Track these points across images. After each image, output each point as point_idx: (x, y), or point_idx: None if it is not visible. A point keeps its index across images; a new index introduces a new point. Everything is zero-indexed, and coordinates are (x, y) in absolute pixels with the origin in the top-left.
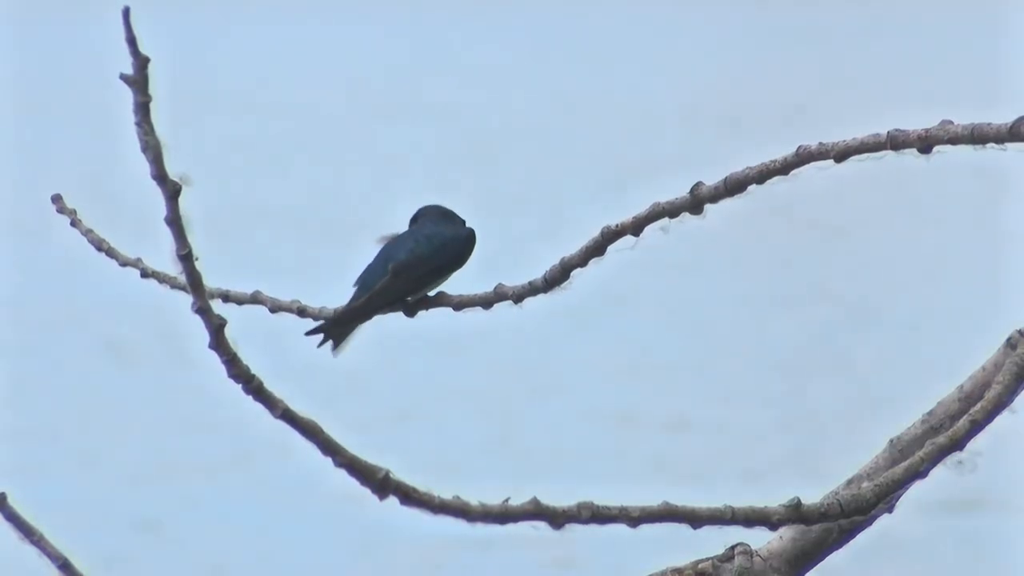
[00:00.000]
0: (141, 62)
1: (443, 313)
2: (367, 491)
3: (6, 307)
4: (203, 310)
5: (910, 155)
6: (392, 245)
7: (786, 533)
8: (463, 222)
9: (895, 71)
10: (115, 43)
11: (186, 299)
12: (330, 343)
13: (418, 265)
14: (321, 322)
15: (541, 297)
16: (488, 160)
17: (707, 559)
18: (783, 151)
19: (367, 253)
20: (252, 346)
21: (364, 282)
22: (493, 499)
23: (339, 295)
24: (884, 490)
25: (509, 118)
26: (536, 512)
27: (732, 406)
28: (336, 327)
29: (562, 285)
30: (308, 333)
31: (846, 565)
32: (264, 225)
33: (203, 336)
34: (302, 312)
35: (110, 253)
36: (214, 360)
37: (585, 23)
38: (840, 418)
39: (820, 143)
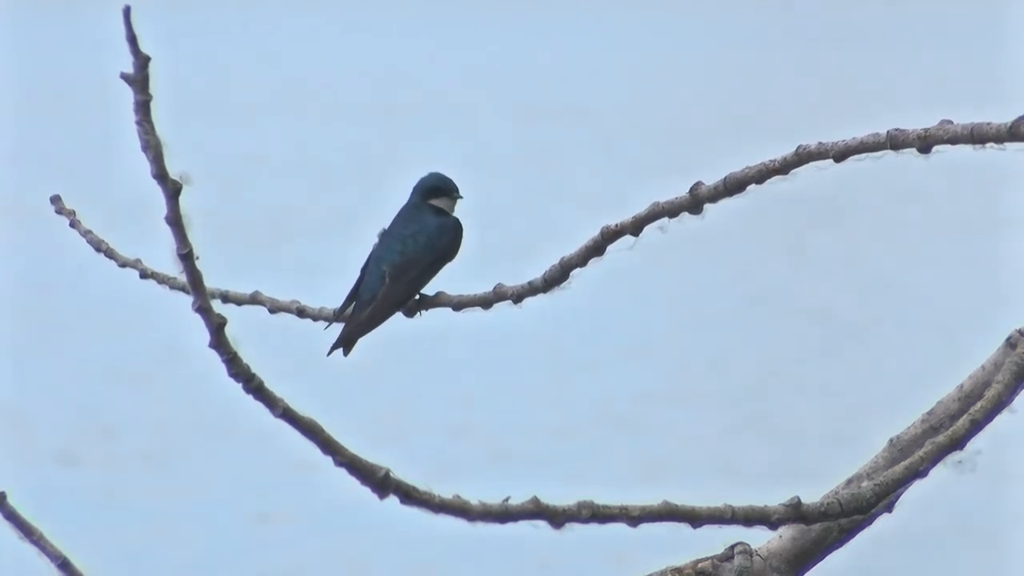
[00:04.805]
0: (141, 61)
1: (442, 313)
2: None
3: (5, 308)
4: (204, 309)
5: (910, 155)
6: (381, 250)
7: (786, 532)
8: (455, 197)
9: (895, 71)
10: (115, 42)
11: (186, 300)
12: (340, 349)
13: (412, 265)
14: (336, 341)
15: (541, 297)
16: (487, 159)
17: (707, 558)
18: (783, 151)
19: (366, 251)
20: (251, 346)
21: (363, 292)
22: (493, 498)
23: (338, 296)
24: (884, 489)
25: (509, 118)
26: (536, 512)
27: (729, 405)
28: (347, 341)
29: (561, 285)
30: (335, 351)
31: (846, 565)
32: (264, 225)
33: (204, 335)
34: (301, 312)
35: (109, 254)
36: (215, 359)
37: (584, 23)
38: (840, 417)
39: (820, 143)
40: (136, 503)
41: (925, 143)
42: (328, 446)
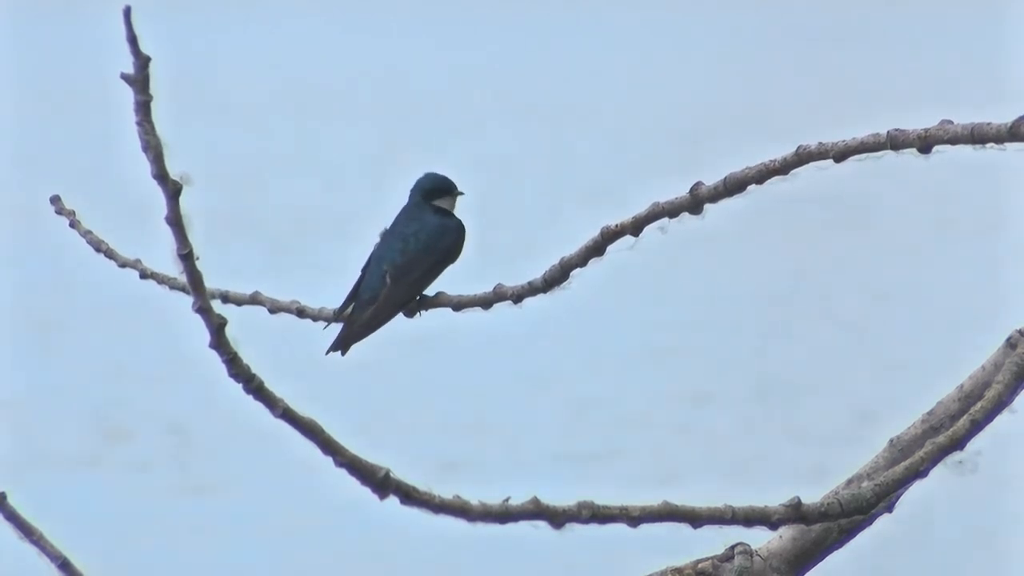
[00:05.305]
0: (142, 61)
1: (442, 313)
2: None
3: (4, 308)
4: (204, 309)
5: (910, 155)
6: (382, 250)
7: (786, 533)
8: (454, 194)
9: (895, 71)
10: (116, 42)
11: (186, 300)
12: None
13: (414, 266)
14: (336, 342)
15: (540, 297)
16: (487, 159)
17: (707, 559)
18: (783, 151)
19: (367, 251)
20: (251, 347)
21: (363, 292)
22: (493, 498)
23: (338, 296)
24: (884, 489)
25: (509, 118)
26: (536, 512)
27: (730, 405)
28: (348, 343)
29: (561, 285)
30: (329, 351)
31: (846, 565)
32: (264, 225)
33: (204, 336)
34: (301, 312)
35: (109, 254)
36: (215, 359)
37: (584, 23)
38: (840, 417)
39: (820, 143)
40: (144, 504)
41: (925, 143)
42: (328, 446)
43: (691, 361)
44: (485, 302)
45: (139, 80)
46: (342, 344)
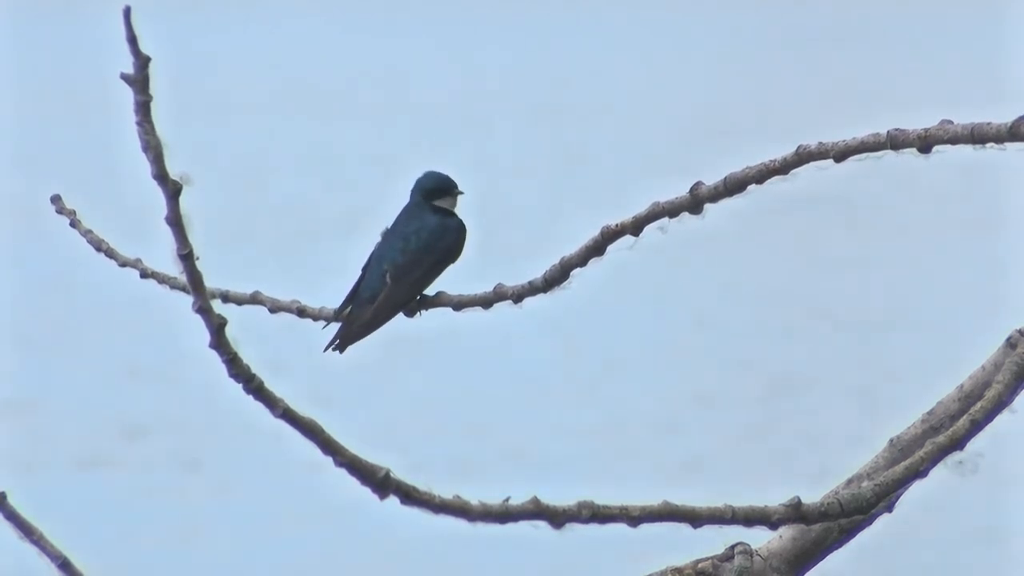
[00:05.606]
0: (142, 61)
1: (442, 313)
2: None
3: (4, 308)
4: (204, 309)
5: (910, 155)
6: (382, 249)
7: (786, 532)
8: (455, 194)
9: (895, 71)
10: (116, 42)
11: (186, 300)
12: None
13: (414, 265)
14: (335, 340)
15: (540, 297)
16: (487, 159)
17: (707, 559)
18: (783, 151)
19: (367, 250)
20: (252, 347)
21: (363, 291)
22: (494, 499)
23: (339, 295)
24: (884, 489)
25: (509, 118)
26: (536, 512)
27: (730, 405)
28: (347, 342)
29: (562, 285)
30: (328, 348)
31: (846, 565)
32: (265, 225)
33: (204, 336)
34: (301, 312)
35: (110, 254)
36: (215, 359)
37: (584, 24)
38: (840, 417)
39: (820, 143)
40: (143, 504)
41: (925, 143)
42: (328, 446)
43: (692, 361)
44: (485, 302)
45: (139, 80)
46: (340, 343)
